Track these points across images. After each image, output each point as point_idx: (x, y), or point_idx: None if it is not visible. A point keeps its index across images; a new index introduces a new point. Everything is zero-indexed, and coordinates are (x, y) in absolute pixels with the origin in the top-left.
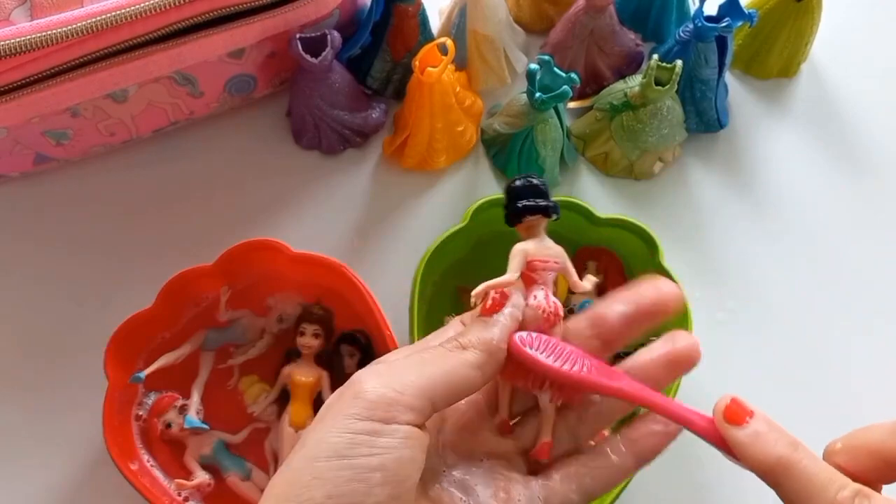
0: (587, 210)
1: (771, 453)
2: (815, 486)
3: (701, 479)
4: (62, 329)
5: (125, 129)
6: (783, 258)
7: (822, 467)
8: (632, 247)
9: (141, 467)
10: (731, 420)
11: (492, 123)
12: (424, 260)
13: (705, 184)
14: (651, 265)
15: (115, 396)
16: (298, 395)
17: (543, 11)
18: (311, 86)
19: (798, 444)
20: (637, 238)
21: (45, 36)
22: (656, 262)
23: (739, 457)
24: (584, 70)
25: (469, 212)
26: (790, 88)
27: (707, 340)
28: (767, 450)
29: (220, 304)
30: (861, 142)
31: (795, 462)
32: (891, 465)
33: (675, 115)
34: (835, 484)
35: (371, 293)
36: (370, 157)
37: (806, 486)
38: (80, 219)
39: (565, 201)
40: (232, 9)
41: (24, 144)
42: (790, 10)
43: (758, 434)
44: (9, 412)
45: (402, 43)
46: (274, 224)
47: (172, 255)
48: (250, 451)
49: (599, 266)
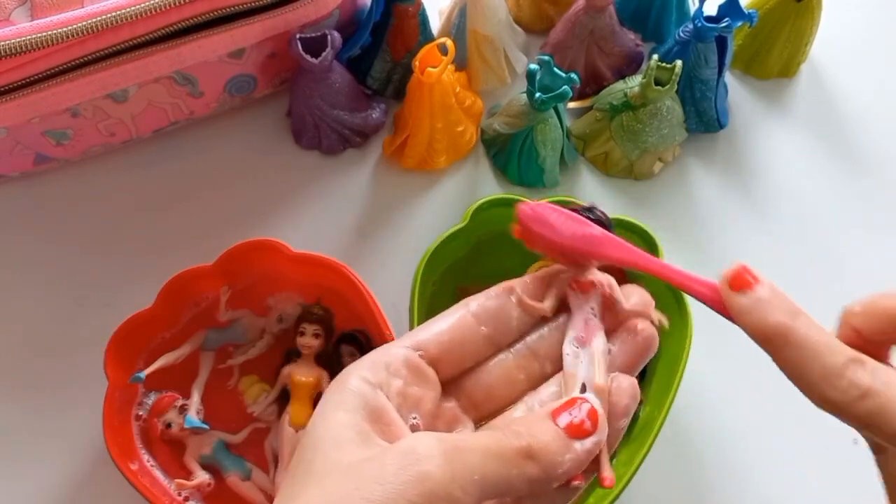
0: None
1: (770, 320)
2: (810, 353)
3: (701, 478)
4: (62, 329)
5: (125, 129)
6: (783, 258)
7: (820, 335)
8: None
9: (141, 467)
10: (736, 286)
11: (492, 123)
12: (424, 260)
13: (705, 184)
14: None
15: (115, 396)
16: (298, 395)
17: (543, 11)
18: (311, 86)
19: (799, 313)
20: (637, 238)
21: (46, 36)
22: None
23: (739, 324)
24: (584, 70)
25: (469, 212)
26: (790, 88)
27: (708, 340)
28: (766, 316)
29: (220, 304)
30: (861, 142)
31: (793, 330)
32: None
33: (675, 116)
34: (829, 350)
35: (371, 293)
36: (370, 157)
37: (801, 353)
38: (80, 219)
39: (564, 201)
40: (232, 9)
41: (24, 144)
42: (790, 10)
43: (759, 300)
44: (9, 412)
45: (402, 43)
46: (274, 224)
47: (172, 255)
48: (250, 451)
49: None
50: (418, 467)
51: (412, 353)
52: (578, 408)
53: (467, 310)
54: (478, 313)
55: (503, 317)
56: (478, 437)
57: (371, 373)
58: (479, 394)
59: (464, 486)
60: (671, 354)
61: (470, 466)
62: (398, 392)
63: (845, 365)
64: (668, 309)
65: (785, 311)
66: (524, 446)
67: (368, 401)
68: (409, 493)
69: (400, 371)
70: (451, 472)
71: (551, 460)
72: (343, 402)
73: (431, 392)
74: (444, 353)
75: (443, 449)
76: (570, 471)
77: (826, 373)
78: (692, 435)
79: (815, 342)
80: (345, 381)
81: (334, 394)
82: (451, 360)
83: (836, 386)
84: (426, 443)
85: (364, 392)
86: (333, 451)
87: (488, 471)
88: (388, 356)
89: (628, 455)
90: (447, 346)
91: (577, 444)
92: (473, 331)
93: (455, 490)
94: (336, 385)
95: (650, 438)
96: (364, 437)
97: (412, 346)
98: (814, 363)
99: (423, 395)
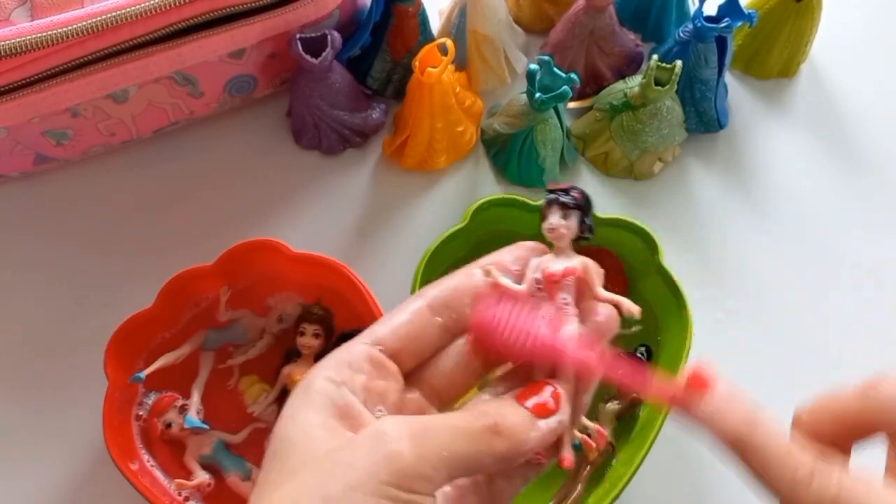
0: None
1: (727, 428)
2: (773, 464)
3: (701, 478)
4: (62, 329)
5: (125, 129)
6: (783, 258)
7: (778, 444)
8: (632, 247)
9: (141, 467)
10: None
11: (492, 123)
12: (424, 260)
13: (705, 184)
14: (651, 265)
15: (116, 396)
16: None
17: (543, 11)
18: (311, 86)
19: (753, 421)
20: (637, 238)
21: (46, 36)
22: (656, 262)
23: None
24: (584, 70)
25: (469, 212)
26: (790, 88)
27: (707, 340)
28: (725, 426)
29: (220, 304)
30: (861, 142)
31: (750, 437)
32: (854, 428)
33: (675, 116)
34: (792, 462)
35: (371, 293)
36: (370, 157)
37: (764, 465)
38: (80, 219)
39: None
40: (232, 9)
41: (24, 144)
42: (790, 10)
43: (717, 406)
44: (9, 412)
45: (403, 43)
46: (274, 224)
47: (172, 255)
48: (250, 451)
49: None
50: (387, 448)
51: (372, 348)
52: (543, 391)
53: (423, 300)
54: (432, 304)
55: (457, 305)
56: (446, 417)
57: (334, 371)
58: (441, 382)
59: (433, 463)
60: (671, 355)
61: (438, 444)
62: (362, 387)
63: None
64: (667, 309)
65: (741, 418)
66: (491, 424)
67: (334, 399)
68: (381, 473)
69: (362, 366)
70: (419, 451)
71: (518, 438)
72: (309, 402)
73: (395, 384)
74: (403, 346)
75: (410, 429)
76: (534, 447)
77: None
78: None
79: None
80: (309, 382)
81: (300, 395)
82: (411, 352)
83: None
84: (393, 424)
85: (329, 391)
86: (304, 447)
87: (457, 448)
88: (349, 354)
89: (628, 455)
90: (405, 339)
91: (541, 423)
92: (429, 322)
93: (425, 468)
94: (301, 387)
95: (650, 439)
96: (333, 431)
97: (372, 342)
98: (779, 474)
99: (386, 388)
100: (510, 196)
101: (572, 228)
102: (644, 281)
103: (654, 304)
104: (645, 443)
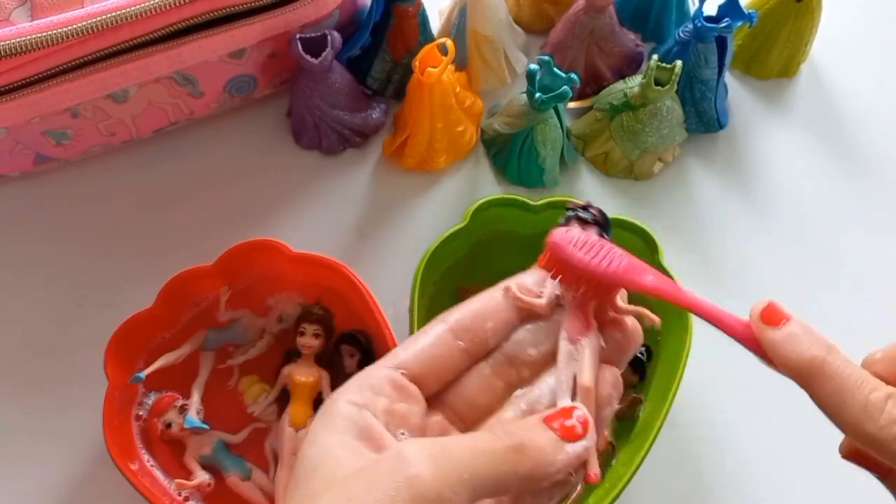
0: None
1: (805, 354)
2: (848, 386)
3: (701, 479)
4: (62, 329)
5: (125, 129)
6: (783, 258)
7: (855, 369)
8: (632, 247)
9: (141, 467)
10: (768, 321)
11: (492, 123)
12: (424, 260)
13: (705, 184)
14: (651, 265)
15: (116, 396)
16: (298, 395)
17: (543, 11)
18: (311, 86)
19: (833, 347)
20: (637, 238)
21: (46, 36)
22: (656, 262)
23: (773, 358)
24: (584, 70)
25: (469, 212)
26: (790, 88)
27: (707, 340)
28: (801, 350)
29: (220, 304)
30: (861, 142)
31: (829, 363)
32: None
33: (675, 116)
34: (868, 385)
35: (371, 293)
36: (370, 157)
37: (839, 387)
38: (80, 219)
39: (563, 201)
40: (232, 9)
41: (24, 144)
42: (790, 11)
43: (793, 335)
44: (9, 412)
45: (402, 43)
46: (274, 224)
47: (172, 255)
48: (250, 451)
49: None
50: (407, 472)
51: (394, 371)
52: (572, 416)
53: (445, 325)
54: (454, 328)
55: (478, 329)
56: (466, 437)
57: (356, 395)
58: (463, 405)
59: (453, 485)
60: (671, 355)
61: (458, 465)
62: (384, 410)
63: (885, 400)
64: (668, 310)
65: (820, 346)
66: (517, 444)
67: (356, 421)
68: (401, 496)
69: (384, 390)
70: (439, 473)
71: (544, 459)
72: (332, 426)
73: (417, 407)
74: (426, 370)
75: (429, 452)
76: (560, 470)
77: (866, 408)
78: (692, 435)
79: (852, 376)
80: (332, 406)
81: (323, 418)
82: (433, 376)
83: (877, 421)
84: (413, 447)
85: (351, 414)
86: (326, 469)
87: (478, 468)
88: (371, 378)
89: (628, 455)
90: (428, 363)
91: (568, 447)
92: (451, 346)
93: (444, 490)
94: (324, 411)
95: (650, 439)
96: (355, 454)
97: (394, 366)
98: (854, 397)
99: (408, 411)
100: (510, 196)
101: None
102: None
103: (655, 305)
104: (645, 443)
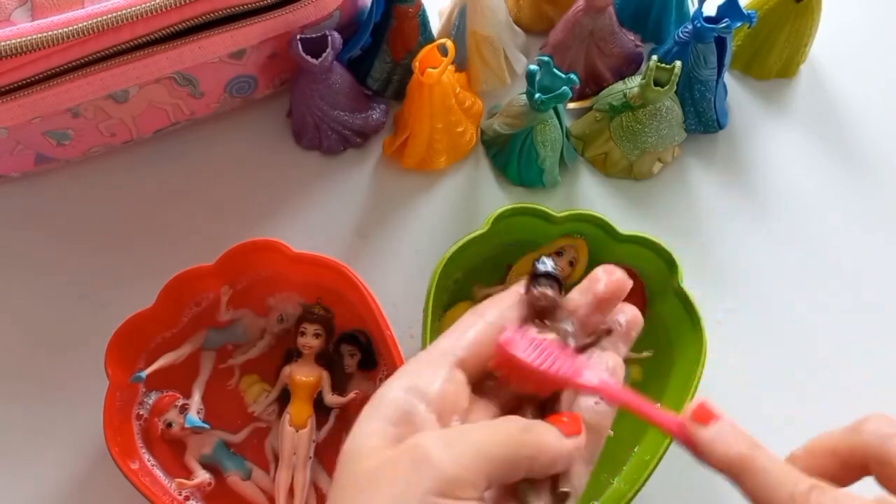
0: (609, 225)
1: (732, 450)
2: (774, 481)
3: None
4: (63, 329)
5: (126, 129)
6: (783, 258)
7: (780, 464)
8: (651, 265)
9: (141, 466)
10: (699, 420)
11: (492, 124)
12: (441, 265)
13: (704, 184)
14: (669, 286)
15: (116, 396)
16: (299, 395)
17: (543, 12)
18: (311, 86)
19: (757, 444)
20: (657, 257)
21: (46, 36)
22: (675, 283)
23: (703, 454)
24: (584, 71)
25: (490, 218)
26: (789, 89)
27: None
28: (727, 447)
29: (220, 304)
30: (860, 142)
31: (754, 459)
32: (846, 464)
33: (675, 116)
34: (792, 478)
35: (371, 293)
36: (370, 157)
37: (765, 482)
38: (81, 219)
39: (587, 215)
40: (233, 10)
41: (24, 145)
42: (790, 11)
43: (721, 433)
44: (9, 411)
45: (403, 44)
46: (274, 224)
47: (172, 255)
48: (250, 450)
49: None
50: (427, 459)
51: (441, 357)
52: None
53: (482, 319)
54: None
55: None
56: (480, 424)
57: (407, 380)
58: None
59: (472, 469)
60: (683, 377)
61: (475, 449)
62: (435, 396)
63: (809, 491)
64: (682, 330)
65: (745, 443)
66: (524, 425)
67: (400, 405)
68: (423, 485)
69: (434, 376)
70: (457, 458)
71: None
72: (375, 412)
73: (464, 392)
74: (471, 356)
75: (446, 440)
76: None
77: (794, 498)
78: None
79: (777, 471)
80: (382, 392)
81: (370, 405)
82: (477, 363)
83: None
84: (430, 437)
85: (398, 399)
86: (354, 463)
87: (493, 450)
88: (418, 364)
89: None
90: (473, 350)
91: (567, 441)
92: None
93: (465, 474)
94: (374, 397)
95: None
96: (388, 440)
97: (440, 353)
98: (781, 491)
99: (457, 397)
100: (532, 205)
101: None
102: (662, 301)
103: (670, 326)
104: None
